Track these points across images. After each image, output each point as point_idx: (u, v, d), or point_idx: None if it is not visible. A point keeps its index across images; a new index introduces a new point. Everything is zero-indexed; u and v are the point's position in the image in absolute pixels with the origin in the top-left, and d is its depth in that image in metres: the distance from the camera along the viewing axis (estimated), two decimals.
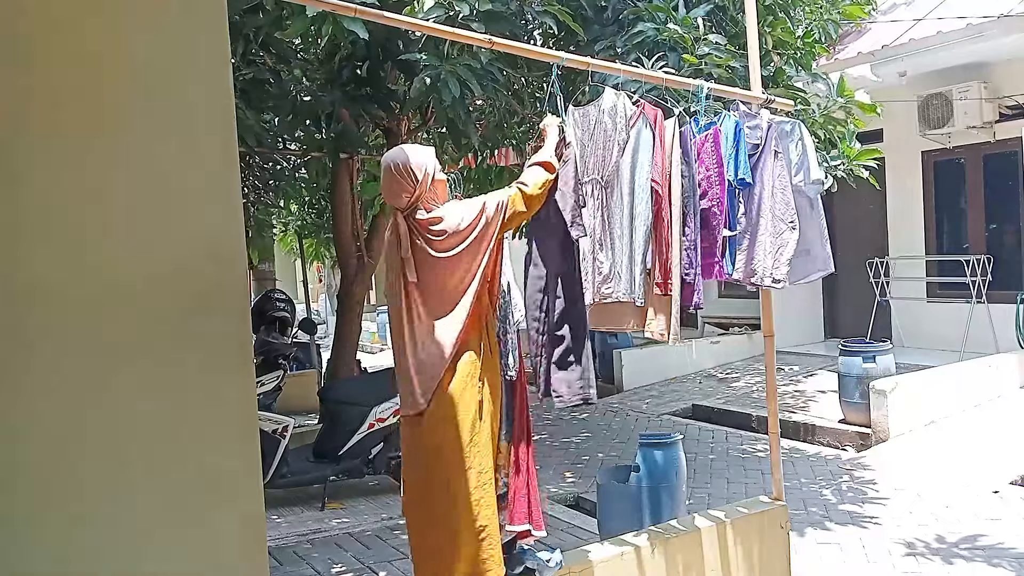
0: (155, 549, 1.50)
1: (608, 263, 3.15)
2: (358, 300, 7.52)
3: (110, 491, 1.47)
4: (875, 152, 5.31)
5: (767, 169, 3.47)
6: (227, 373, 1.57)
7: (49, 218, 1.43)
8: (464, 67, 3.98)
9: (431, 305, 2.66)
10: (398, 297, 2.70)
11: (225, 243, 1.58)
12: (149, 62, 1.52)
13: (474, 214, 2.68)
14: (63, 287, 1.44)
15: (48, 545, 1.42)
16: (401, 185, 2.65)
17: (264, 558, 1.66)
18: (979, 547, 4.34)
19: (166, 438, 1.51)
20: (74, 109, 1.45)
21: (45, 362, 1.42)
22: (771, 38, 5.01)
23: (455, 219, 2.66)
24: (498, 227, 2.71)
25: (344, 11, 3.00)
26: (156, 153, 1.52)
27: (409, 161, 2.66)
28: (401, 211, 2.69)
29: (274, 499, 5.39)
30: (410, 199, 2.66)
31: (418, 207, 2.68)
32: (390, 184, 2.67)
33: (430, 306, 2.66)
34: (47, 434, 1.42)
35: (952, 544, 4.40)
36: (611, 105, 3.13)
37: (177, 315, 1.53)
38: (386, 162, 2.70)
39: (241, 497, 1.58)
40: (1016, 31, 7.13)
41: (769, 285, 3.50)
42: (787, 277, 3.49)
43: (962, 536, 4.50)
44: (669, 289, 3.16)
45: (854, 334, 8.59)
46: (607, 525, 4.14)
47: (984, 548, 4.33)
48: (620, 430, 7.38)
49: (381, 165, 2.75)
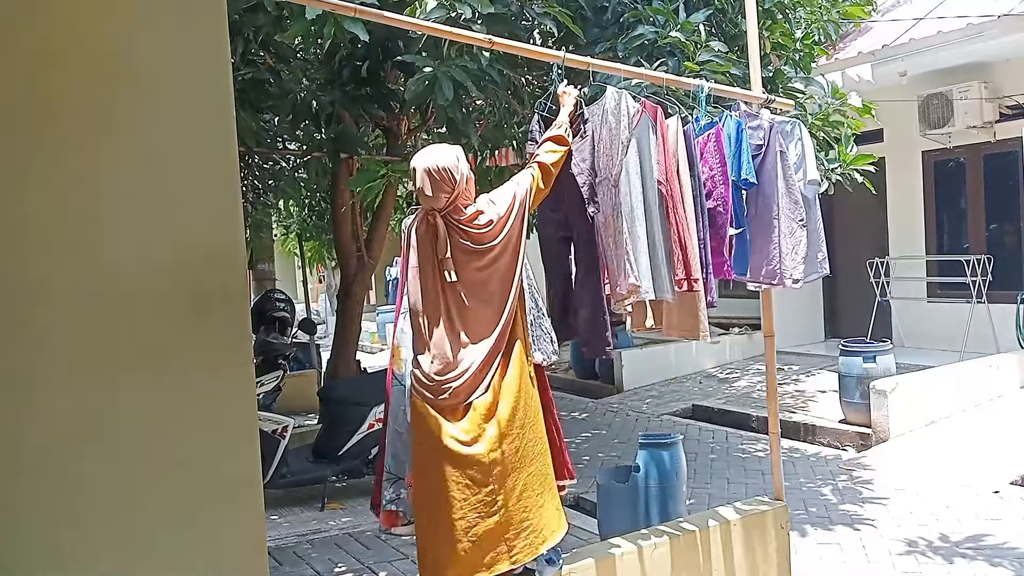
0: (155, 549, 1.50)
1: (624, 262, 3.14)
2: (358, 300, 7.52)
3: (110, 491, 1.46)
4: (871, 157, 5.36)
5: (776, 168, 3.47)
6: (227, 373, 1.57)
7: (49, 218, 1.43)
8: (459, 68, 3.98)
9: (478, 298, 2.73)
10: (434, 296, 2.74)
11: (225, 243, 1.58)
12: (149, 62, 1.52)
13: (509, 201, 2.79)
14: (63, 287, 1.44)
15: (48, 545, 1.42)
16: (441, 187, 2.69)
17: (264, 558, 1.66)
18: (979, 547, 4.34)
19: (166, 438, 1.51)
20: (74, 109, 1.45)
21: (46, 362, 1.42)
22: (770, 41, 5.02)
23: (494, 210, 2.76)
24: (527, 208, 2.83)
25: (344, 11, 3.00)
26: (156, 153, 1.52)
27: (448, 162, 2.71)
28: (439, 211, 2.71)
29: (274, 499, 5.39)
30: (449, 199, 2.71)
31: (456, 205, 2.73)
32: (431, 186, 2.69)
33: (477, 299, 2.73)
34: (47, 434, 1.42)
35: (952, 544, 4.40)
36: (614, 104, 3.13)
37: (177, 315, 1.53)
38: (423, 165, 2.71)
39: (241, 497, 1.58)
40: (1016, 31, 7.13)
41: (790, 286, 3.51)
42: (804, 276, 3.52)
43: (962, 536, 4.50)
44: (693, 286, 3.17)
45: (854, 334, 8.59)
46: (607, 525, 4.14)
47: (984, 548, 4.33)
48: (620, 430, 7.38)
49: (413, 169, 2.75)
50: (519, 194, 2.81)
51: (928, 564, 4.18)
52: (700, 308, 3.22)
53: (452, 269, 2.70)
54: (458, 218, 2.73)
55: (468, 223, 2.72)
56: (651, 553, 3.27)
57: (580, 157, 3.03)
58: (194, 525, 1.53)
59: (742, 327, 10.32)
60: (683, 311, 3.28)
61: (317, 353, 9.52)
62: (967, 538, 4.47)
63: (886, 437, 6.36)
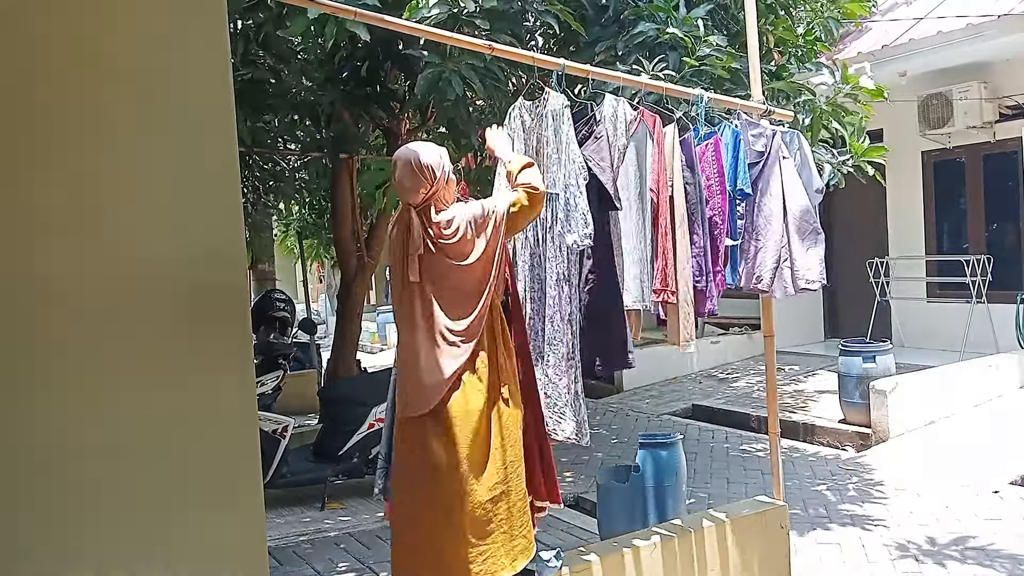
0: (155, 549, 1.50)
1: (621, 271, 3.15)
2: (358, 300, 7.53)
3: (110, 491, 1.47)
4: (882, 149, 5.30)
5: (779, 175, 3.48)
6: (227, 373, 1.57)
7: (49, 218, 1.43)
8: (467, 66, 3.98)
9: (447, 305, 2.66)
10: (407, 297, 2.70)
11: (225, 243, 1.58)
12: (149, 62, 1.52)
13: (482, 219, 2.68)
14: (63, 287, 1.44)
15: (48, 545, 1.42)
16: (419, 181, 2.65)
17: (264, 558, 1.66)
18: (979, 547, 4.34)
19: (166, 438, 1.51)
20: (74, 109, 1.45)
21: (46, 362, 1.42)
22: (772, 36, 5.01)
23: (465, 224, 2.67)
24: (503, 232, 2.71)
25: (344, 14, 3.00)
26: (156, 153, 1.52)
27: (428, 157, 2.67)
28: (414, 207, 2.69)
29: (274, 499, 5.39)
30: (426, 195, 2.67)
31: (430, 205, 2.69)
32: (408, 179, 2.66)
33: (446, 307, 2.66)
34: (48, 434, 1.42)
35: (952, 544, 4.40)
36: (611, 112, 3.14)
37: (177, 315, 1.53)
38: (404, 157, 2.68)
39: (241, 497, 1.58)
40: (1016, 31, 7.13)
41: (804, 288, 3.51)
42: (821, 276, 3.52)
43: (962, 536, 4.49)
44: (668, 297, 3.16)
45: (854, 334, 8.59)
46: (607, 525, 4.14)
47: (984, 548, 4.32)
48: (620, 430, 7.38)
49: (396, 160, 2.72)
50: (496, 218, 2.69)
51: (928, 564, 4.17)
52: (682, 317, 3.21)
53: (416, 270, 2.64)
54: (432, 220, 2.67)
55: (438, 230, 2.66)
56: (651, 553, 3.27)
57: (599, 157, 3.02)
58: (194, 525, 1.53)
59: (742, 327, 10.32)
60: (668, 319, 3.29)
61: (317, 353, 9.52)
62: (967, 538, 4.46)
63: (886, 437, 6.36)
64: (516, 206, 2.71)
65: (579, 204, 2.87)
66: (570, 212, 2.86)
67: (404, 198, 2.71)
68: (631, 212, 3.17)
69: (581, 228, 2.86)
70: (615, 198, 3.02)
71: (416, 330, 2.67)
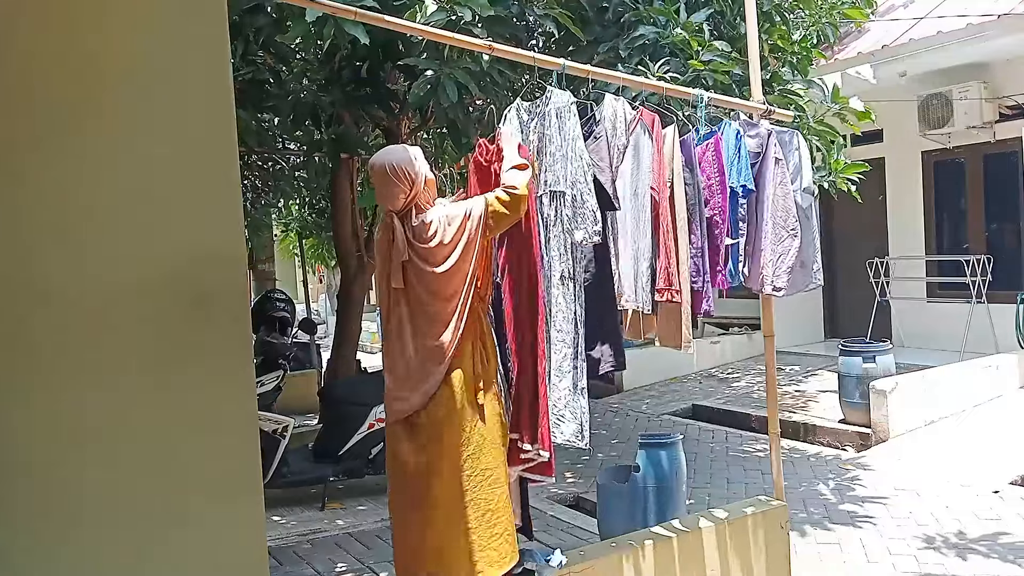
0: (155, 549, 1.50)
1: (616, 271, 3.15)
2: (358, 300, 7.52)
3: (110, 491, 1.47)
4: (862, 166, 5.41)
5: (768, 176, 3.48)
6: (227, 374, 1.57)
7: (48, 218, 1.43)
8: (463, 70, 3.98)
9: (424, 312, 2.66)
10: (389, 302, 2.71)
11: (225, 244, 1.58)
12: (149, 62, 1.52)
13: (459, 223, 2.66)
14: (63, 288, 1.44)
15: (48, 546, 1.42)
16: (399, 187, 2.64)
17: (264, 558, 1.66)
18: (979, 547, 4.34)
19: (166, 438, 1.51)
20: (73, 110, 1.45)
21: (45, 362, 1.42)
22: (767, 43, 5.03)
23: (442, 228, 2.65)
24: (479, 236, 2.68)
25: (344, 14, 3.00)
26: (156, 153, 1.52)
27: (403, 162, 2.66)
28: (396, 213, 2.68)
29: (274, 499, 5.39)
30: (407, 199, 2.67)
31: (411, 209, 2.68)
32: (385, 186, 2.66)
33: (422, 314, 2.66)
34: (47, 434, 1.42)
35: (952, 544, 4.41)
36: (611, 112, 3.14)
37: (177, 316, 1.53)
38: (378, 164, 2.68)
39: (241, 497, 1.58)
40: (1016, 31, 7.14)
41: (770, 293, 3.53)
42: (787, 286, 3.51)
43: (962, 536, 4.50)
44: (672, 296, 3.15)
45: (854, 334, 8.59)
46: (607, 525, 4.15)
47: (984, 548, 4.33)
48: (620, 430, 7.38)
49: (370, 168, 2.72)
50: (472, 222, 2.66)
51: (928, 564, 4.18)
52: (683, 318, 3.21)
53: (399, 277, 2.64)
54: (412, 226, 2.66)
55: (417, 236, 2.65)
56: (651, 553, 3.27)
57: (598, 157, 3.02)
58: (194, 525, 1.53)
59: (742, 327, 10.33)
60: (668, 320, 3.29)
61: (317, 353, 9.52)
62: (966, 538, 4.47)
63: (886, 437, 6.36)
64: (493, 206, 2.69)
65: (587, 201, 2.85)
66: (577, 209, 2.85)
67: (386, 204, 2.71)
68: (629, 212, 3.17)
69: (591, 225, 2.84)
70: (613, 198, 3.02)
71: (395, 338, 2.69)
